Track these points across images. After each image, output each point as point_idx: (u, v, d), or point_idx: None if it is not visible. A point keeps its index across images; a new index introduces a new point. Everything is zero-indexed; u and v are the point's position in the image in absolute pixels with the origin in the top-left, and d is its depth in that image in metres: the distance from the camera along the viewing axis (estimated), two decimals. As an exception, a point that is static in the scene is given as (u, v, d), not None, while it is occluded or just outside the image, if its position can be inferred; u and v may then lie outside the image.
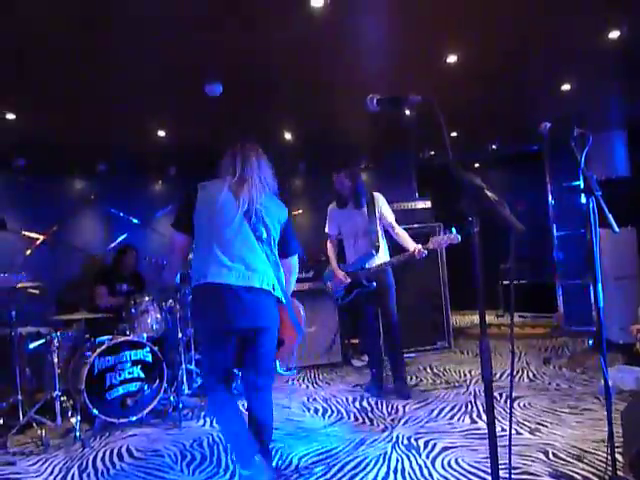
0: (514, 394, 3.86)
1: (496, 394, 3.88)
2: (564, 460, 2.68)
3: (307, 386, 4.62)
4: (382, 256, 4.10)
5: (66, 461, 3.20)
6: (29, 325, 4.47)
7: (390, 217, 4.19)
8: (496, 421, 3.21)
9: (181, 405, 3.94)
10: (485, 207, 1.22)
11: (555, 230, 6.71)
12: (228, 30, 3.28)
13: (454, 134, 6.06)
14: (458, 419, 3.46)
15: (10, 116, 4.36)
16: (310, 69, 3.93)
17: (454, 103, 4.58)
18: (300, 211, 6.91)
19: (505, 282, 7.40)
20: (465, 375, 4.59)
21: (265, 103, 4.62)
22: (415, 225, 5.70)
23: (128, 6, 2.96)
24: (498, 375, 4.45)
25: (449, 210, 4.12)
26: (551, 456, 2.74)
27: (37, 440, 3.51)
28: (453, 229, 3.88)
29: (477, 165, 8.12)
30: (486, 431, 2.75)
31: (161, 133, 5.20)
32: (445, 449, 2.96)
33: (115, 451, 3.32)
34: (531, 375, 4.41)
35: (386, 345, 4.23)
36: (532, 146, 7.11)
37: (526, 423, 3.26)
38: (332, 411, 3.84)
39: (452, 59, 3.86)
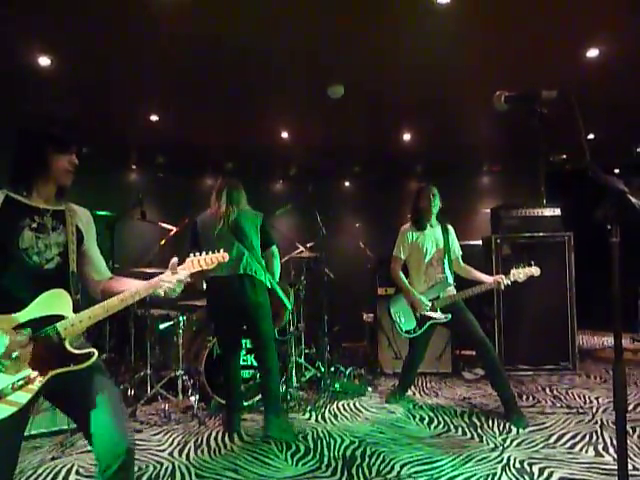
0: (651, 430, 3.41)
1: (628, 428, 3.46)
2: None
3: (414, 393, 4.52)
4: (453, 287, 3.94)
5: (184, 435, 3.48)
6: (160, 308, 4.93)
7: (459, 251, 4.11)
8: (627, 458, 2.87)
9: (289, 397, 4.08)
10: (627, 214, 1.08)
11: None
12: (352, 32, 3.32)
13: (590, 136, 5.51)
14: (580, 449, 3.13)
15: (154, 118, 4.84)
16: (434, 68, 3.83)
17: (592, 102, 4.16)
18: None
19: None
20: (590, 401, 4.15)
21: (385, 103, 4.60)
22: (541, 234, 5.29)
23: (261, 18, 3.13)
24: (631, 406, 3.96)
25: (582, 219, 3.79)
26: (696, 507, 2.37)
27: (161, 412, 3.86)
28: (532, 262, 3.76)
29: (617, 171, 7.30)
30: (613, 467, 2.48)
31: (284, 135, 5.43)
32: (563, 480, 2.70)
33: (227, 432, 3.52)
34: (674, 411, 3.85)
35: (489, 374, 3.80)
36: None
37: (665, 465, 2.85)
38: (438, 421, 3.70)
39: (593, 53, 3.51)
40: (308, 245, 5.13)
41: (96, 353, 1.76)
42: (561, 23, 3.18)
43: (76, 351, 1.73)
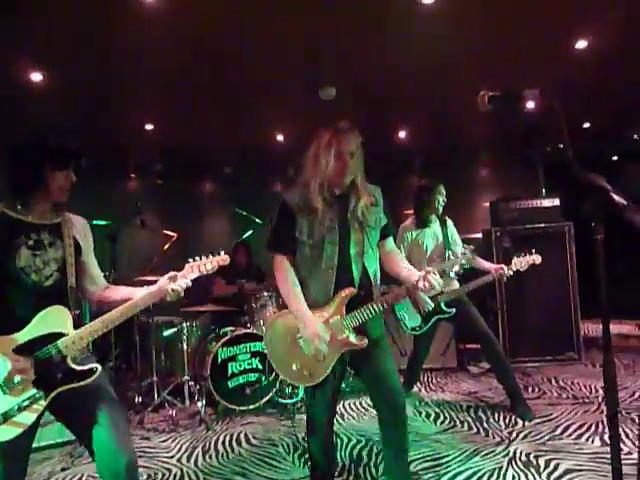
0: (657, 417, 3.41)
1: (634, 416, 3.47)
2: None
3: (419, 389, 4.53)
4: (456, 280, 3.92)
5: (192, 441, 3.50)
6: (164, 314, 4.96)
7: (459, 242, 4.07)
8: (633, 448, 2.88)
9: (295, 398, 4.10)
10: (611, 213, 1.09)
11: None
12: (342, 34, 3.34)
13: (586, 125, 5.50)
14: (586, 439, 3.14)
15: (149, 127, 4.87)
16: (425, 65, 3.83)
17: (585, 92, 4.17)
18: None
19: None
20: (597, 391, 4.15)
21: (378, 102, 4.61)
22: (541, 225, 5.29)
23: (253, 23, 3.15)
24: (637, 394, 3.97)
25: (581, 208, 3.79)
26: (702, 494, 2.37)
27: (168, 419, 3.88)
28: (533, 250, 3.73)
29: (615, 158, 7.28)
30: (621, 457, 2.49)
31: (280, 137, 5.44)
32: (569, 471, 2.71)
33: (234, 436, 3.55)
34: (680, 397, 3.85)
35: (494, 367, 3.83)
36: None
37: (671, 452, 2.86)
38: (444, 417, 3.72)
39: (581, 45, 3.51)
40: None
41: (99, 369, 1.77)
42: (548, 18, 3.19)
43: (79, 368, 1.74)
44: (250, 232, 5.42)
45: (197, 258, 2.02)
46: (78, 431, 1.84)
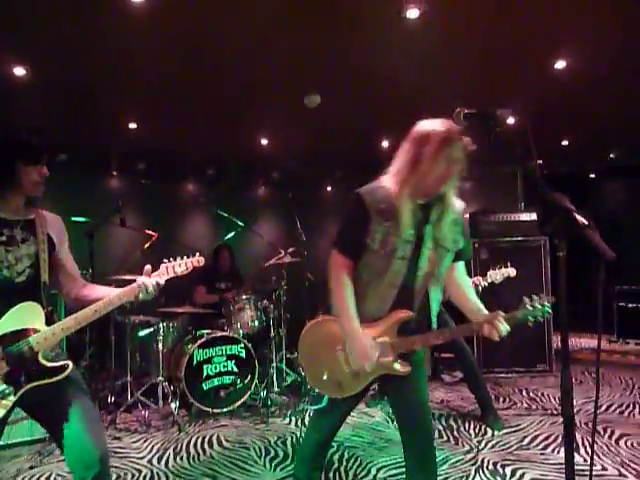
0: (621, 431, 3.51)
1: (599, 428, 3.56)
2: (674, 512, 2.38)
3: (393, 396, 4.56)
4: None
5: (164, 442, 3.49)
6: (141, 314, 4.92)
7: None
8: (597, 459, 2.97)
9: (269, 402, 4.12)
10: (573, 231, 1.15)
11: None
12: (327, 44, 3.40)
13: (565, 142, 5.64)
14: (553, 450, 3.21)
15: (132, 125, 4.84)
16: (408, 81, 3.90)
17: (564, 110, 4.29)
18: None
19: (621, 304, 6.75)
20: (565, 403, 4.24)
21: (362, 111, 4.67)
22: (519, 238, 5.40)
23: (241, 29, 3.19)
24: (604, 407, 4.07)
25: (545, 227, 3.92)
26: (659, 505, 2.46)
27: (141, 420, 3.85)
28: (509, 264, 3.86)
29: (592, 175, 7.47)
30: (584, 467, 2.58)
31: (264, 141, 5.46)
32: (534, 480, 2.78)
33: (207, 439, 3.54)
34: (644, 411, 3.96)
35: (467, 377, 3.94)
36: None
37: (632, 465, 2.94)
38: (416, 425, 3.76)
39: (561, 65, 3.63)
40: (290, 250, 5.15)
41: (71, 365, 1.76)
42: (528, 38, 3.29)
43: (50, 364, 1.73)
44: (232, 234, 5.43)
45: (172, 259, 2.02)
46: (50, 427, 1.82)
